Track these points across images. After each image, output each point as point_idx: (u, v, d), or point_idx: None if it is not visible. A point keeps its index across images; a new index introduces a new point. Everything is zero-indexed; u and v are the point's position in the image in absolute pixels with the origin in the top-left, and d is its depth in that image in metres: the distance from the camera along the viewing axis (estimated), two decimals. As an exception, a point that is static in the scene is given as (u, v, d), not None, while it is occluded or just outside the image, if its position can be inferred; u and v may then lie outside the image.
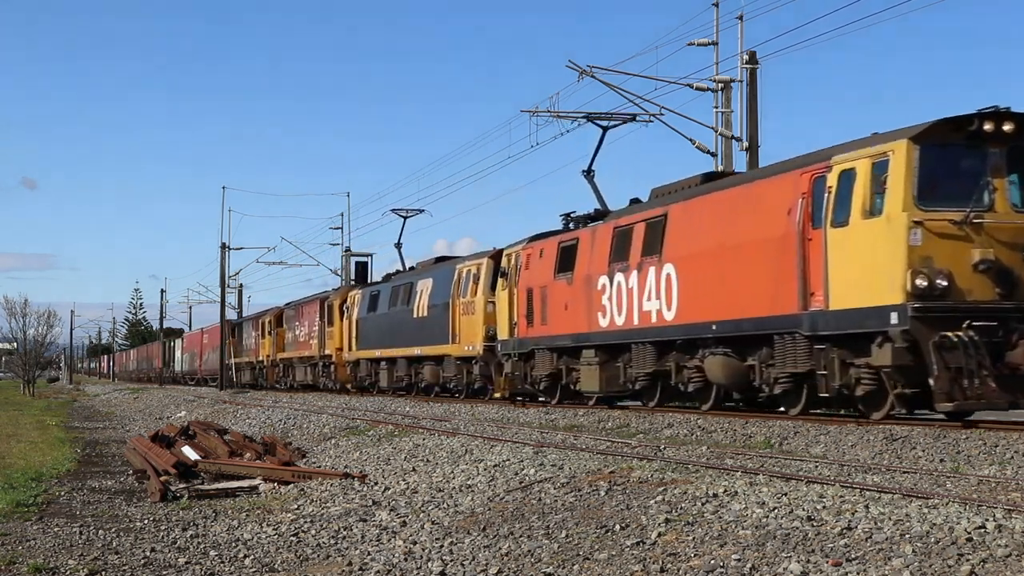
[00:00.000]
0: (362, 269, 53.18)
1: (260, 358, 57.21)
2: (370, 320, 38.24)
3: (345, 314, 41.02)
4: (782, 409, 18.24)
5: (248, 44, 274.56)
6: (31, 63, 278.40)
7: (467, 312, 29.34)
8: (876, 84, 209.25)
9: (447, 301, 30.50)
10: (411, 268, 37.51)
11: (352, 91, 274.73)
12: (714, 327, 18.38)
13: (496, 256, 27.95)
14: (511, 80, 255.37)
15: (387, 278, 38.30)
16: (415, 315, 33.13)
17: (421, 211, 41.91)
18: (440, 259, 34.54)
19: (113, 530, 12.15)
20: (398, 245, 42.18)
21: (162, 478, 16.48)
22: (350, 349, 40.29)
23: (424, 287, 32.89)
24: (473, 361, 29.26)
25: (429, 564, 9.39)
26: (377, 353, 37.33)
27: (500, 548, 9.63)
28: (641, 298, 20.52)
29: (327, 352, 43.73)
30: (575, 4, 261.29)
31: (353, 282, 54.57)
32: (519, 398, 26.92)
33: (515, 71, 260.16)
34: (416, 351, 33.38)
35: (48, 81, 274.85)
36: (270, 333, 54.43)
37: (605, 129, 27.39)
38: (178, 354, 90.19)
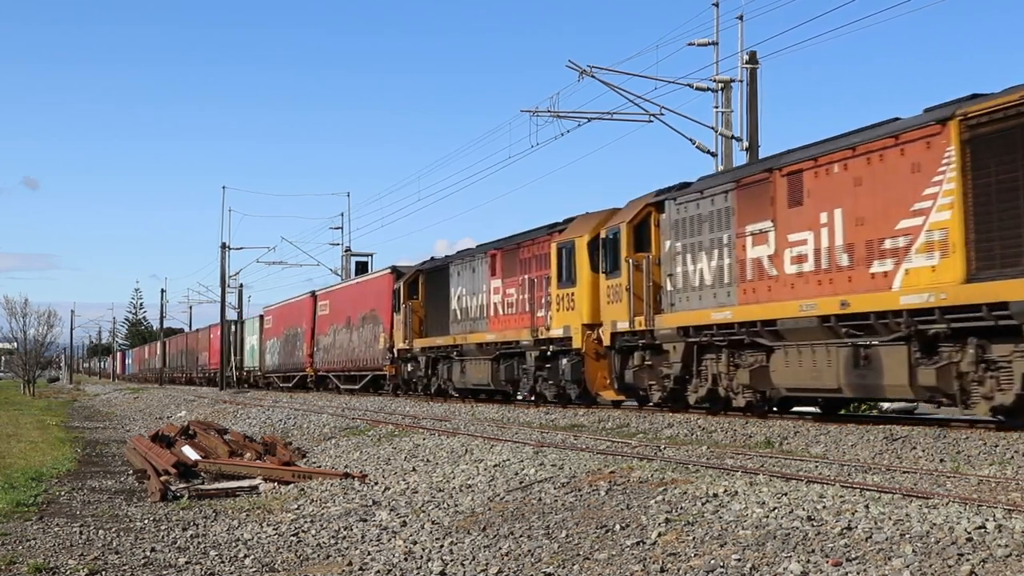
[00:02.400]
0: (362, 269, 53.27)
1: (542, 333, 24.71)
2: None
3: None
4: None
5: (249, 46, 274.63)
6: (34, 64, 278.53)
7: None
8: (876, 83, 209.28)
9: None
10: None
11: (352, 91, 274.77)
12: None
13: None
14: (511, 80, 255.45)
15: None
16: None
17: None
18: None
19: (113, 530, 12.15)
20: None
21: (162, 478, 16.50)
22: None
23: None
24: None
25: (429, 564, 9.39)
26: None
27: (500, 548, 9.63)
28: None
29: None
30: (575, 4, 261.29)
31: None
32: None
33: (515, 71, 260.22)
34: None
35: (50, 82, 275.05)
36: (608, 265, 22.30)
37: None
38: (251, 342, 61.18)
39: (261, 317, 58.52)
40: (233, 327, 64.35)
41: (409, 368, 34.07)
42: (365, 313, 39.58)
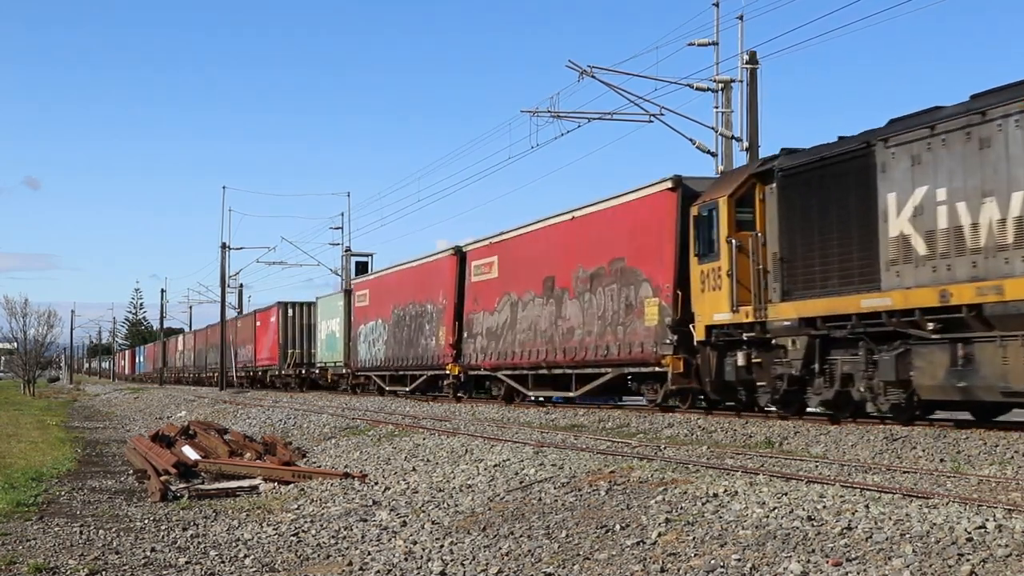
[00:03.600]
0: (362, 269, 53.14)
1: None
2: None
3: None
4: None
5: (249, 47, 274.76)
6: (35, 64, 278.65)
7: None
8: (876, 83, 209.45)
9: None
10: None
11: (352, 91, 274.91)
12: None
13: None
14: (511, 80, 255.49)
15: None
16: None
17: None
18: None
19: (113, 530, 12.16)
20: None
21: (162, 478, 16.50)
22: None
23: None
24: None
25: (429, 564, 9.39)
26: None
27: (500, 548, 9.63)
28: None
29: None
30: (575, 4, 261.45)
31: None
32: None
33: (515, 71, 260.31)
34: None
35: (52, 82, 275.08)
36: None
37: None
38: (329, 328, 46.68)
39: (347, 292, 44.20)
40: (291, 309, 51.93)
41: (731, 361, 18.89)
42: (597, 268, 23.72)
